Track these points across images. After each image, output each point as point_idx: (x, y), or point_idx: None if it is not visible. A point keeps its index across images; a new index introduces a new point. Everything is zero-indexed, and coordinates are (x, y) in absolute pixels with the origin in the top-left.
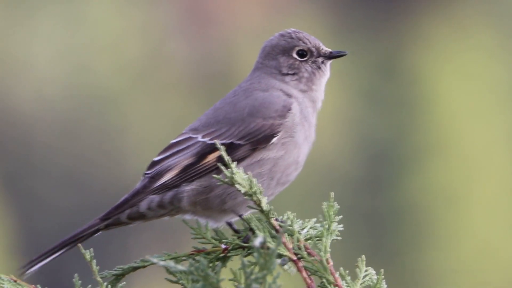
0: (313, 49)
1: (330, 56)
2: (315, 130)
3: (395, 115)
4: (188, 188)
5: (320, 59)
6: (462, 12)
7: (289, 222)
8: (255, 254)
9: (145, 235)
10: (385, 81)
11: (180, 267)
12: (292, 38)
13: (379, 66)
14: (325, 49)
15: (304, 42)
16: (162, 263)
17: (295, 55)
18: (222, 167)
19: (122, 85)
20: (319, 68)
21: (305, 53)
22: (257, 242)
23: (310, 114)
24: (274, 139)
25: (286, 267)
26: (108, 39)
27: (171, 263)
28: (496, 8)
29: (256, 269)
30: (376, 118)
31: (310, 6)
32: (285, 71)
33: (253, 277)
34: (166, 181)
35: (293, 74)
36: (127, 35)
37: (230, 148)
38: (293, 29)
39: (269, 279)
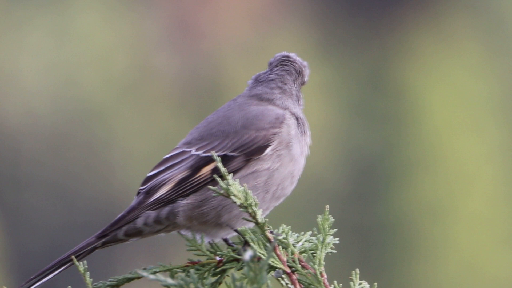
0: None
1: None
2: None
3: (382, 128)
4: (183, 203)
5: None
6: (449, 26)
7: (283, 235)
8: (245, 267)
9: (135, 248)
10: (372, 95)
11: (170, 280)
12: (305, 67)
13: (367, 80)
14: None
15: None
16: (151, 277)
17: (300, 85)
18: (218, 179)
19: (110, 99)
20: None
21: (303, 85)
22: (247, 255)
23: (306, 129)
24: (268, 149)
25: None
26: (96, 52)
27: (160, 277)
28: (482, 22)
29: (246, 282)
30: (363, 132)
31: (298, 20)
32: (291, 95)
33: None
34: (160, 196)
35: (297, 100)
36: (114, 49)
37: (224, 160)
38: (300, 58)
39: None
